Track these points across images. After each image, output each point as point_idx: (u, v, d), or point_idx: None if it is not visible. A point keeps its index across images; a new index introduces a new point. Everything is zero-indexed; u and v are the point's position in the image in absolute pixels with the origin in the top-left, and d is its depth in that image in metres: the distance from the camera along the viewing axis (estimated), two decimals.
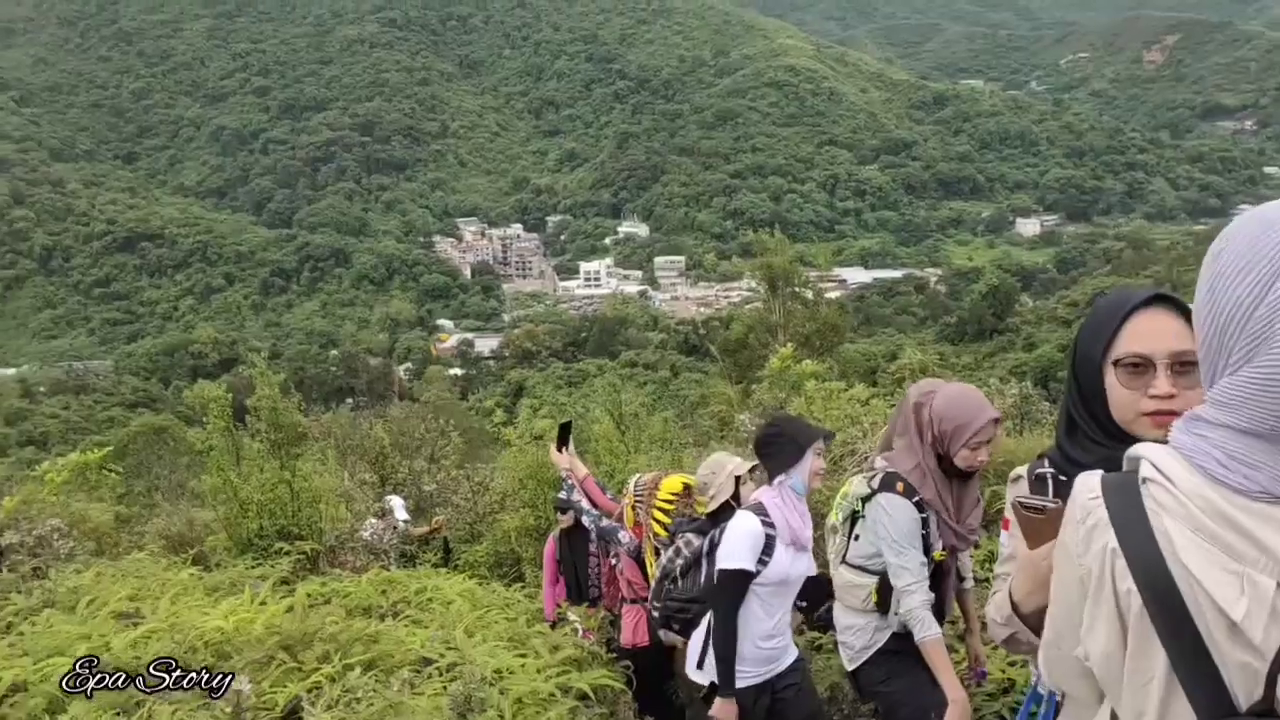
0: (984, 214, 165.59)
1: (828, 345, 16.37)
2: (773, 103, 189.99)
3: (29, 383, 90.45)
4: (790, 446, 4.02)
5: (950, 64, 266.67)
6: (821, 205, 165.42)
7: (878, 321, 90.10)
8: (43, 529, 6.89)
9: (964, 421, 3.65)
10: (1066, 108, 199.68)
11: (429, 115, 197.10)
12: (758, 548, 3.97)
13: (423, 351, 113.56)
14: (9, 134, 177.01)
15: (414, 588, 6.37)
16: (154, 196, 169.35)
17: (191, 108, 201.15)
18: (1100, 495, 1.54)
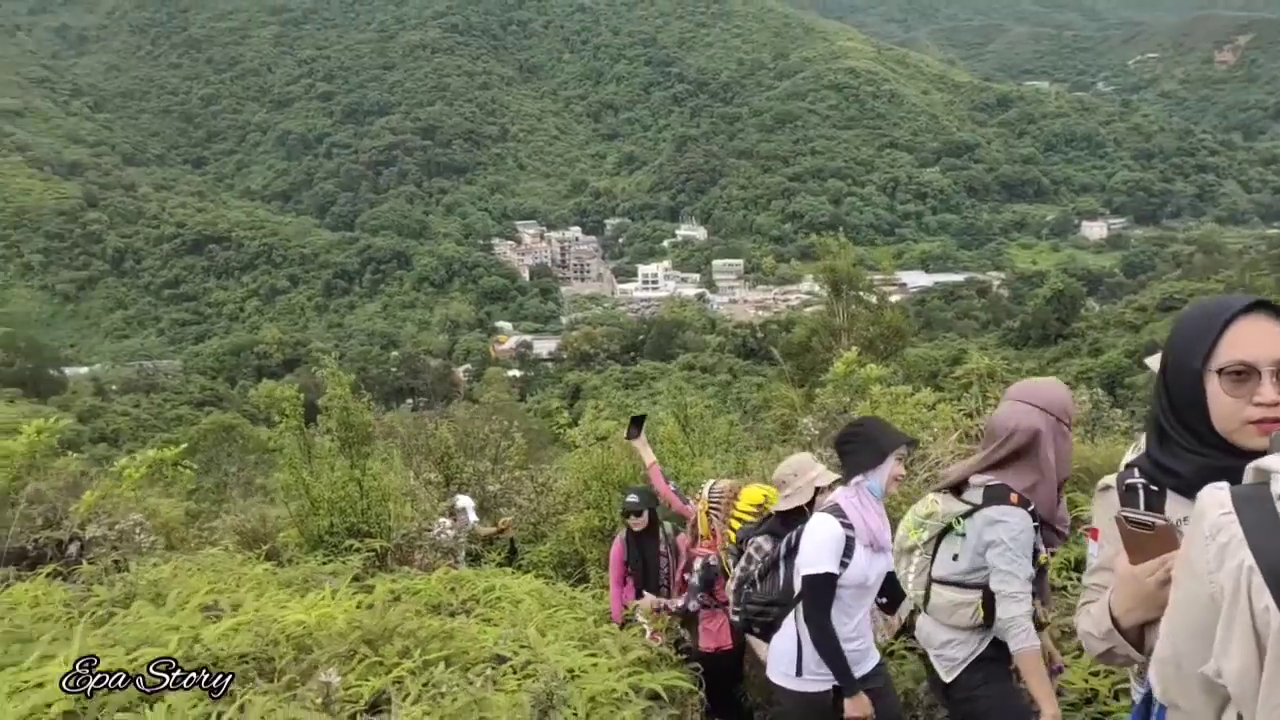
0: (1049, 217, 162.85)
1: (891, 349, 16.20)
2: (832, 105, 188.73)
3: (101, 381, 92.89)
4: (872, 449, 4.01)
5: (1014, 65, 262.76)
6: (882, 208, 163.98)
7: (939, 326, 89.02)
8: (125, 523, 7.07)
9: (1070, 398, 3.80)
10: (1135, 109, 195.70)
11: (489, 119, 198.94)
12: (839, 550, 3.97)
13: (482, 353, 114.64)
14: (83, 138, 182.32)
15: (482, 586, 6.41)
16: (221, 200, 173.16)
17: (258, 113, 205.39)
18: (1232, 511, 1.48)
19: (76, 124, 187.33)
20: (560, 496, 10.79)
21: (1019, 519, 3.64)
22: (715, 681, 5.40)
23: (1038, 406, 3.75)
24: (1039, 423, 3.72)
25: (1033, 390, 3.85)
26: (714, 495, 5.41)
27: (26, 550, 8.28)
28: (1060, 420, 3.73)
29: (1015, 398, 3.84)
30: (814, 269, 22.09)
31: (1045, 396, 3.77)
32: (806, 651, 4.07)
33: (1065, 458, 3.77)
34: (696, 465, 8.77)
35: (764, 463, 8.84)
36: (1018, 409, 3.79)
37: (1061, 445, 3.74)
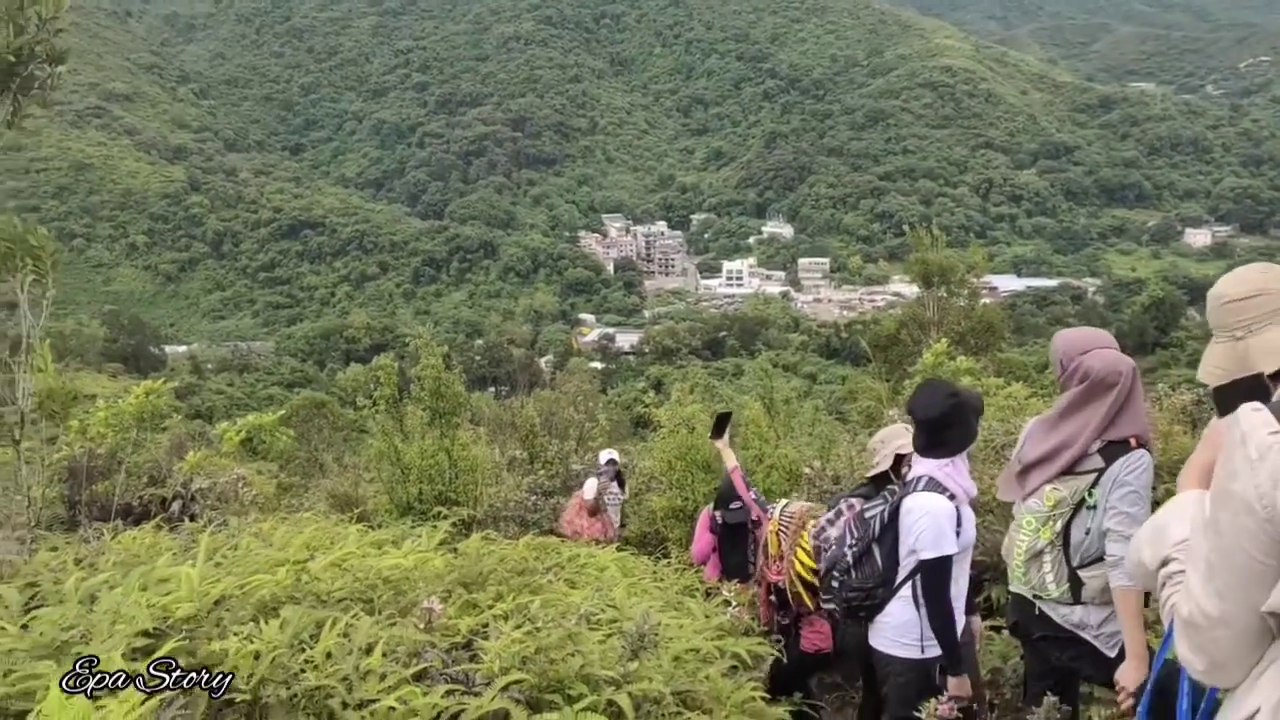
0: (1149, 223, 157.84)
1: (983, 345, 15.92)
2: (926, 104, 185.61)
3: (198, 360, 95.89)
4: (971, 421, 4.01)
5: (1119, 66, 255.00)
6: (974, 210, 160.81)
7: (1030, 331, 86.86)
8: (226, 478, 7.34)
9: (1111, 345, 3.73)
10: (1245, 114, 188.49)
11: (579, 112, 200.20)
12: (953, 525, 3.97)
13: (564, 344, 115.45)
14: (189, 124, 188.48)
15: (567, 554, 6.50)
16: (317, 186, 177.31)
17: (355, 102, 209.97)
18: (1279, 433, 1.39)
19: (182, 109, 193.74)
20: (643, 477, 10.85)
21: (1142, 460, 3.53)
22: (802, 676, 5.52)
23: (1116, 349, 3.71)
24: (1129, 362, 3.66)
25: (1097, 336, 3.79)
26: (784, 517, 5.42)
27: (132, 507, 8.65)
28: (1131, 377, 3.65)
29: (1092, 346, 3.71)
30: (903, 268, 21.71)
31: (1111, 339, 3.75)
32: (925, 625, 4.08)
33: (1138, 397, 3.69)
34: (781, 448, 8.75)
35: (850, 447, 8.78)
36: (1106, 356, 3.68)
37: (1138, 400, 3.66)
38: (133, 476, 9.02)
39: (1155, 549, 1.84)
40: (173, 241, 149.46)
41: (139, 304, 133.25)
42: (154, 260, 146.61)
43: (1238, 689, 1.57)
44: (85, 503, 8.66)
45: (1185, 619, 1.58)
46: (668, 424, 9.63)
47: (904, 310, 19.21)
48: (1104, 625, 3.67)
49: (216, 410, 68.57)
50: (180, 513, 8.30)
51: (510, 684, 2.55)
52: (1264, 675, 1.52)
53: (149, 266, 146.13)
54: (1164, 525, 1.86)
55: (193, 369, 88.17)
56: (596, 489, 8.35)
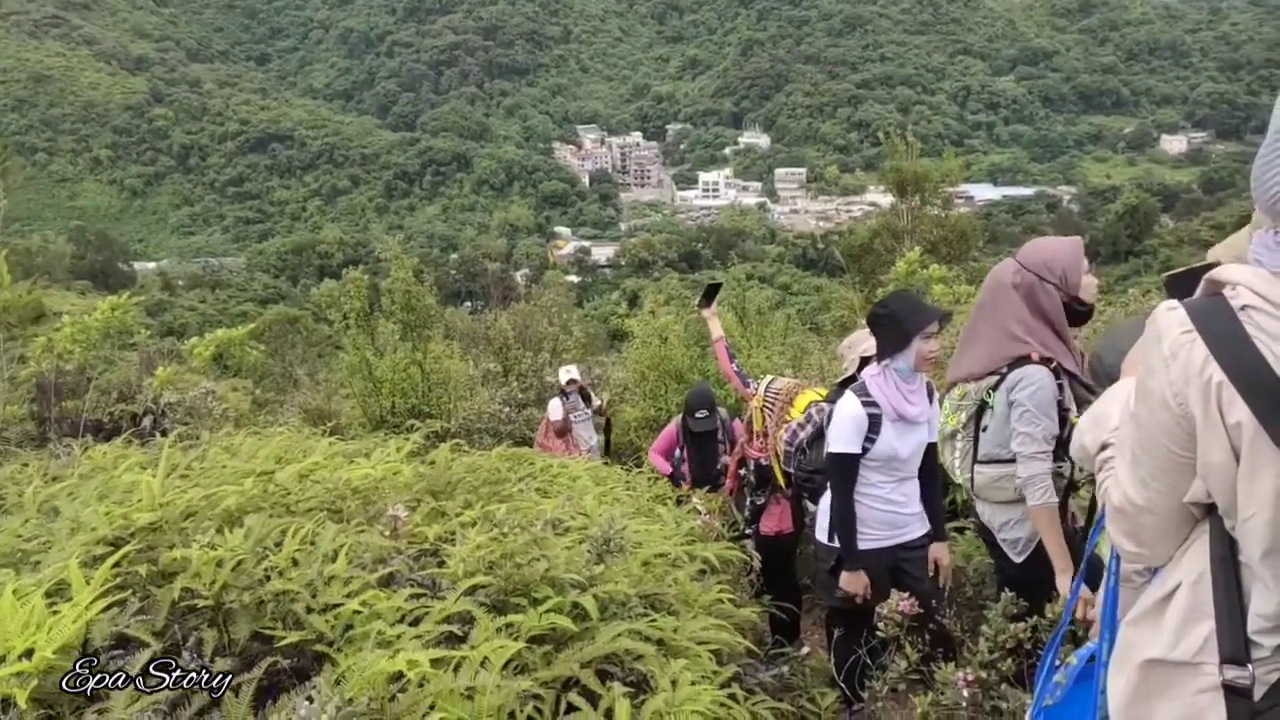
0: (1126, 130, 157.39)
1: (956, 254, 15.93)
2: (905, 9, 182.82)
3: (168, 276, 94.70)
4: (897, 331, 4.00)
5: None
6: (951, 118, 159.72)
7: (1005, 240, 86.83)
8: (196, 392, 7.30)
9: (1070, 254, 3.62)
10: (1224, 17, 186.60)
11: (552, 20, 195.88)
12: (861, 429, 4.06)
13: (540, 258, 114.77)
14: (149, 33, 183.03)
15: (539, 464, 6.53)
16: (284, 98, 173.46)
17: (321, 9, 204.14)
18: (1193, 328, 1.46)
19: (142, 18, 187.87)
20: (618, 388, 10.89)
21: (1043, 377, 3.57)
22: (774, 563, 5.58)
23: (1020, 263, 3.67)
24: (1009, 281, 3.65)
25: (1025, 248, 3.76)
26: (770, 394, 5.44)
27: (102, 423, 8.60)
28: (1042, 278, 3.60)
29: (1033, 254, 3.70)
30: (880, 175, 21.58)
31: (1033, 254, 3.68)
32: None
33: (1056, 316, 3.63)
34: (753, 358, 8.78)
35: (822, 355, 8.82)
36: (997, 276, 3.74)
37: (1044, 301, 3.62)
38: (103, 393, 8.96)
39: (1095, 434, 1.90)
40: (137, 155, 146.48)
41: (105, 219, 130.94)
42: (119, 175, 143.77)
43: (1163, 567, 1.66)
44: (55, 420, 8.61)
45: (1116, 505, 1.67)
46: (641, 335, 9.62)
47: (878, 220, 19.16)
48: (1004, 529, 3.80)
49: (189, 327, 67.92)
50: (151, 428, 8.27)
51: (475, 587, 2.58)
52: (1186, 554, 1.60)
53: (114, 181, 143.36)
54: (1104, 413, 1.91)
55: (163, 285, 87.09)
56: (563, 409, 8.38)
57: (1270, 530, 1.38)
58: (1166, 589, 1.62)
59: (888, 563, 4.19)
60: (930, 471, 4.31)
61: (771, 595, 5.36)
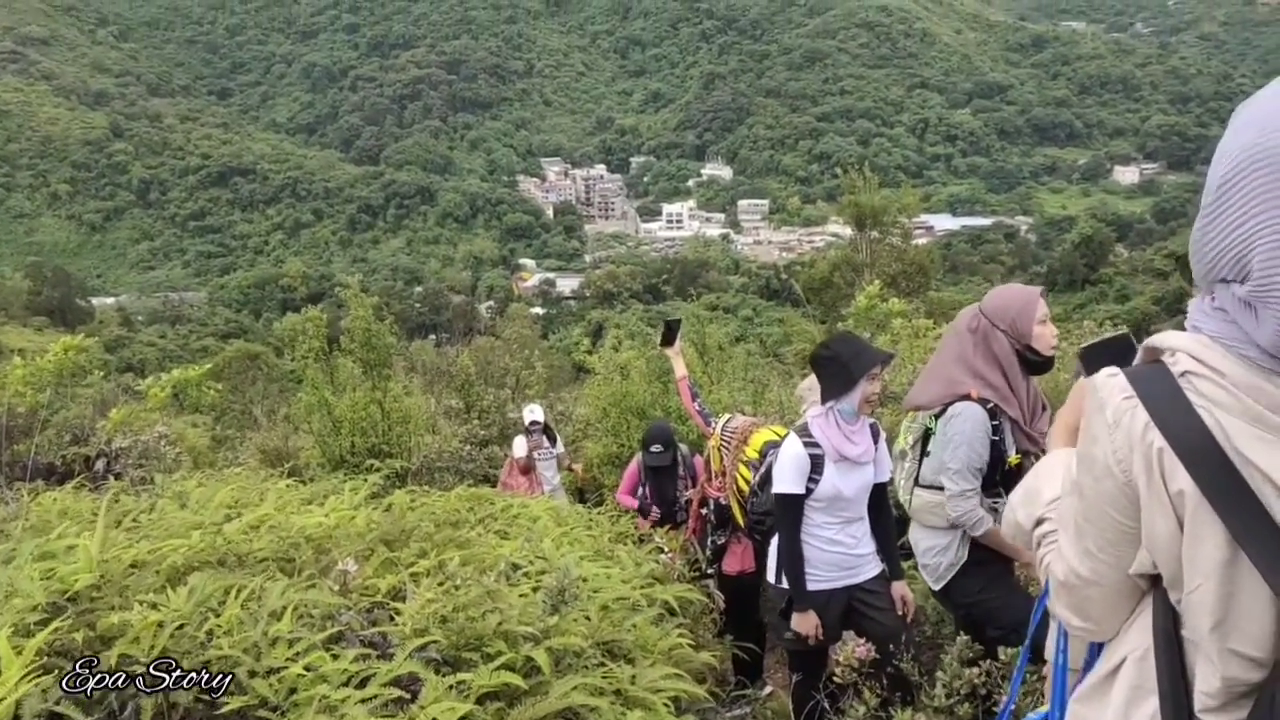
0: (1080, 161, 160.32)
1: (915, 287, 16.08)
2: (863, 44, 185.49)
3: (128, 311, 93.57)
4: (841, 374, 4.05)
5: (1051, 5, 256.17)
6: (910, 150, 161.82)
7: (964, 269, 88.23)
8: (150, 436, 7.19)
9: (1022, 303, 3.74)
10: (1173, 51, 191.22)
11: (515, 54, 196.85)
12: (804, 470, 4.11)
13: (504, 290, 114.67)
14: (109, 68, 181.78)
15: (500, 504, 6.49)
16: (246, 132, 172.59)
17: (284, 44, 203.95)
18: (1134, 394, 1.43)
19: (102, 53, 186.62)
20: (579, 424, 10.85)
21: (970, 413, 3.69)
22: (737, 602, 5.58)
23: (980, 309, 3.84)
24: (966, 324, 3.83)
25: (988, 295, 3.93)
26: (726, 432, 5.46)
27: (55, 466, 8.44)
28: (995, 325, 3.74)
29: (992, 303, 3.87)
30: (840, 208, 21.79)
31: (990, 300, 3.84)
32: None
33: (1006, 362, 3.76)
34: (713, 394, 8.79)
35: (783, 390, 8.85)
36: (957, 321, 3.93)
37: (994, 346, 3.75)
38: (55, 434, 8.80)
39: (1029, 510, 1.83)
40: (96, 190, 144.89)
41: (63, 255, 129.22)
42: (77, 210, 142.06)
43: (1109, 642, 1.61)
44: (5, 463, 8.44)
45: (1060, 579, 1.62)
46: (602, 371, 9.61)
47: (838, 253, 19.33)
48: (925, 555, 3.96)
49: (148, 363, 67.09)
50: (105, 471, 8.13)
51: (425, 644, 2.54)
52: (1131, 628, 1.57)
53: (73, 216, 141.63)
54: (1036, 487, 1.84)
55: (122, 321, 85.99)
56: (527, 446, 8.35)
57: (1216, 602, 1.35)
58: (1112, 664, 1.58)
59: (840, 604, 4.21)
60: (881, 510, 4.35)
61: (734, 635, 5.34)
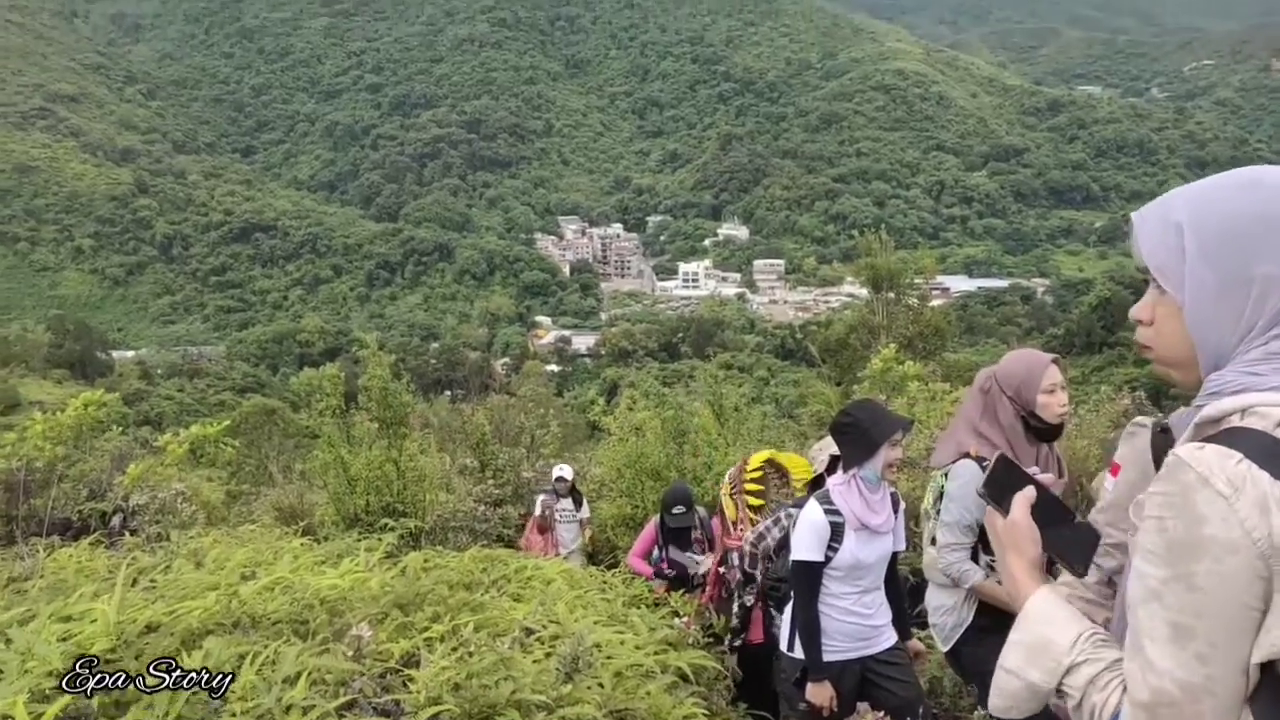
0: (1097, 224, 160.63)
1: (931, 349, 16.09)
2: (879, 106, 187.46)
3: (147, 365, 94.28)
4: (864, 440, 4.06)
5: (1066, 70, 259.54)
6: (926, 211, 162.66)
7: (981, 331, 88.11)
8: (167, 494, 7.21)
9: (1027, 370, 3.81)
10: (1189, 116, 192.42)
11: (534, 114, 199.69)
12: (823, 537, 4.09)
13: (520, 347, 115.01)
14: (136, 125, 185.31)
15: (514, 566, 6.46)
16: (269, 189, 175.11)
17: (307, 103, 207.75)
18: (1244, 458, 1.30)
19: (130, 111, 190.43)
20: (594, 484, 10.83)
21: (966, 471, 3.77)
22: (750, 671, 5.49)
23: (992, 372, 3.93)
24: (979, 385, 3.93)
25: (1003, 358, 4.04)
26: (730, 479, 5.48)
27: (71, 521, 8.48)
28: (1002, 389, 3.82)
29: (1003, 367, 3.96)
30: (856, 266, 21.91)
31: (1002, 364, 3.94)
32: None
33: (1009, 427, 3.82)
34: (730, 455, 8.78)
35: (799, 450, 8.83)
36: (976, 380, 4.02)
37: (999, 411, 3.82)
38: (72, 490, 8.85)
39: (1045, 664, 1.55)
40: (120, 245, 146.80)
41: (85, 308, 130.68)
42: (101, 264, 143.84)
43: None
44: (22, 518, 8.47)
45: (1148, 702, 1.37)
46: (617, 431, 9.61)
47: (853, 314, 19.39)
48: (935, 614, 4.03)
49: (166, 416, 67.52)
50: (121, 527, 8.15)
51: (438, 713, 2.53)
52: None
53: (96, 270, 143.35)
54: (1044, 638, 1.58)
55: (141, 374, 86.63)
56: (541, 505, 8.38)
57: None
58: None
59: (855, 675, 4.17)
60: (894, 578, 4.35)
61: (747, 704, 5.27)
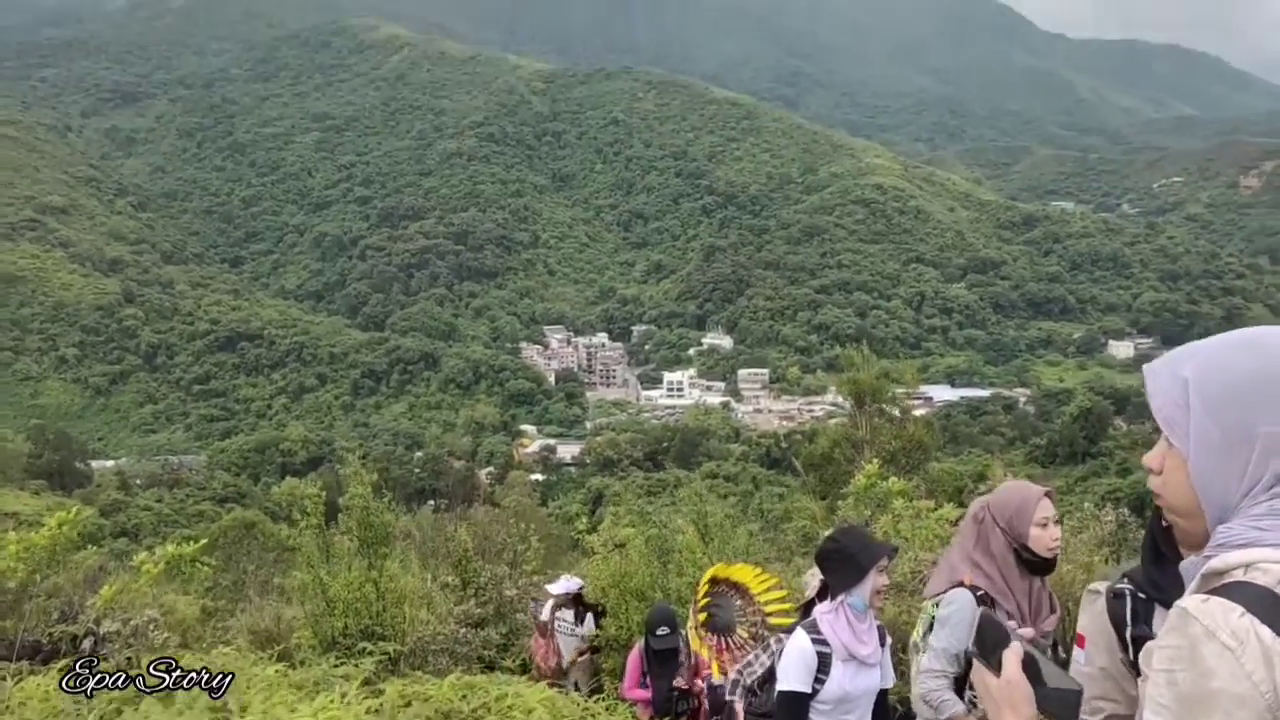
0: (1075, 335, 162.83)
1: (914, 463, 16.13)
2: (859, 220, 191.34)
3: (126, 475, 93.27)
4: (850, 566, 4.02)
5: (1039, 185, 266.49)
6: (907, 322, 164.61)
7: (964, 440, 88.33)
8: (139, 619, 7.07)
9: (1019, 502, 3.80)
10: (1160, 231, 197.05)
11: (521, 225, 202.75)
12: (811, 667, 4.00)
13: (505, 456, 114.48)
14: (125, 236, 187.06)
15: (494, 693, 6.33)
16: (256, 299, 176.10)
17: (297, 215, 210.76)
18: (1246, 611, 1.32)
19: (120, 222, 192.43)
20: None
21: (958, 599, 3.75)
22: None
23: (985, 504, 3.94)
24: (973, 514, 3.95)
25: (997, 488, 4.06)
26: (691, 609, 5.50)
27: (41, 644, 8.27)
28: (995, 520, 3.83)
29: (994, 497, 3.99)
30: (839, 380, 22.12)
31: (995, 495, 3.96)
32: None
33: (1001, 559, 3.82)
34: None
35: (784, 574, 8.75)
36: (970, 508, 4.07)
37: (991, 541, 3.82)
38: (43, 610, 8.66)
39: None
40: (104, 354, 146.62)
41: (67, 418, 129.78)
42: (84, 373, 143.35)
43: None
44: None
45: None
46: (601, 550, 9.52)
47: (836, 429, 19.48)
48: None
49: (143, 528, 66.49)
50: (92, 650, 7.96)
51: None
52: None
53: (79, 379, 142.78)
54: None
55: (120, 485, 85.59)
56: (548, 610, 8.29)
57: None
58: None
59: None
60: (882, 712, 4.26)
61: None
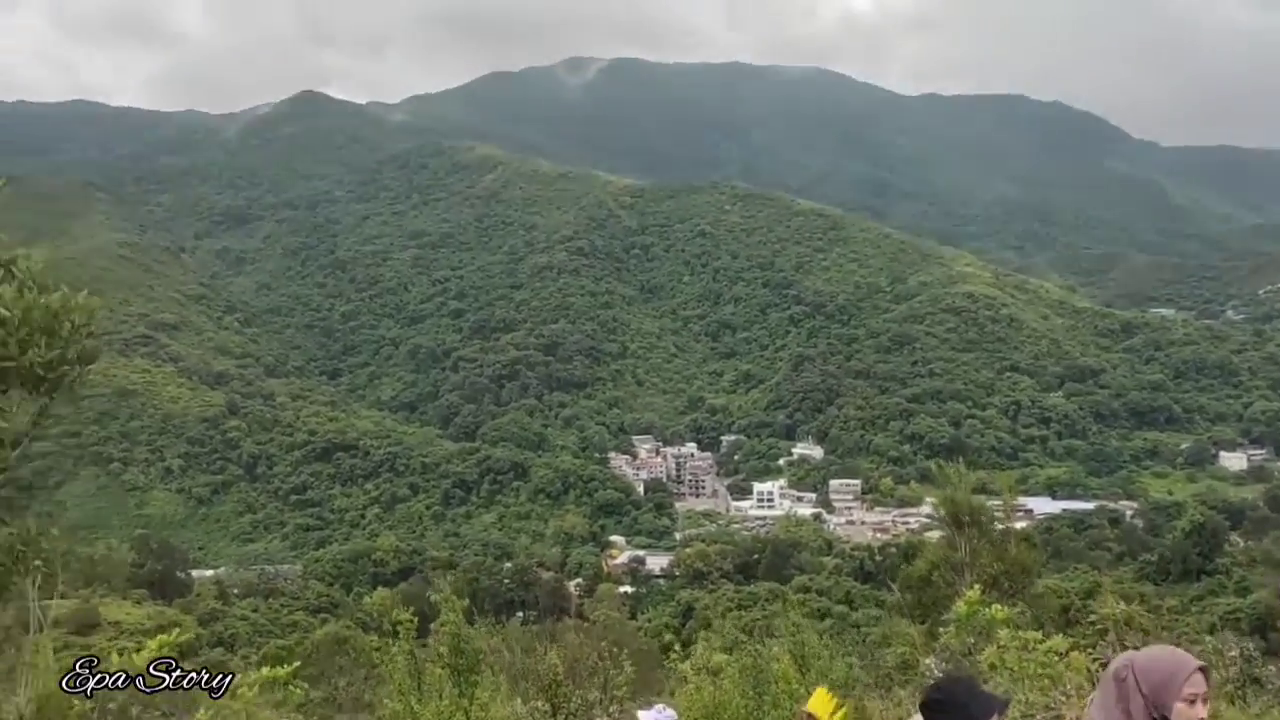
0: (1183, 446, 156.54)
1: (1017, 586, 15.51)
2: (950, 328, 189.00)
3: (224, 584, 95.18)
4: (960, 718, 3.84)
5: (1136, 293, 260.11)
6: (1004, 431, 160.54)
7: (1069, 556, 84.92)
8: None
9: (1170, 672, 3.61)
10: (1269, 338, 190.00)
11: (610, 336, 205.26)
12: None
13: (594, 567, 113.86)
14: (231, 350, 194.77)
15: None
16: (352, 410, 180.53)
17: (393, 328, 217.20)
18: None
19: (226, 337, 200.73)
20: None
21: None
22: None
23: (1130, 660, 3.75)
24: (1115, 671, 3.76)
25: (1145, 651, 3.84)
26: None
27: None
28: (1138, 684, 3.66)
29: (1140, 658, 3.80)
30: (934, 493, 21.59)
31: (1143, 656, 3.77)
32: None
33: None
34: None
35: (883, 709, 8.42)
36: (1113, 663, 3.86)
37: (1131, 706, 3.64)
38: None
39: None
40: (207, 465, 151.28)
41: (170, 527, 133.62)
42: (188, 483, 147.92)
43: None
44: None
45: None
46: (694, 679, 9.30)
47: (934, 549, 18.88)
48: None
49: (239, 637, 67.44)
50: None
51: None
52: None
53: (183, 489, 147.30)
54: None
55: (218, 594, 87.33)
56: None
57: None
58: None
59: None
60: None
61: None
